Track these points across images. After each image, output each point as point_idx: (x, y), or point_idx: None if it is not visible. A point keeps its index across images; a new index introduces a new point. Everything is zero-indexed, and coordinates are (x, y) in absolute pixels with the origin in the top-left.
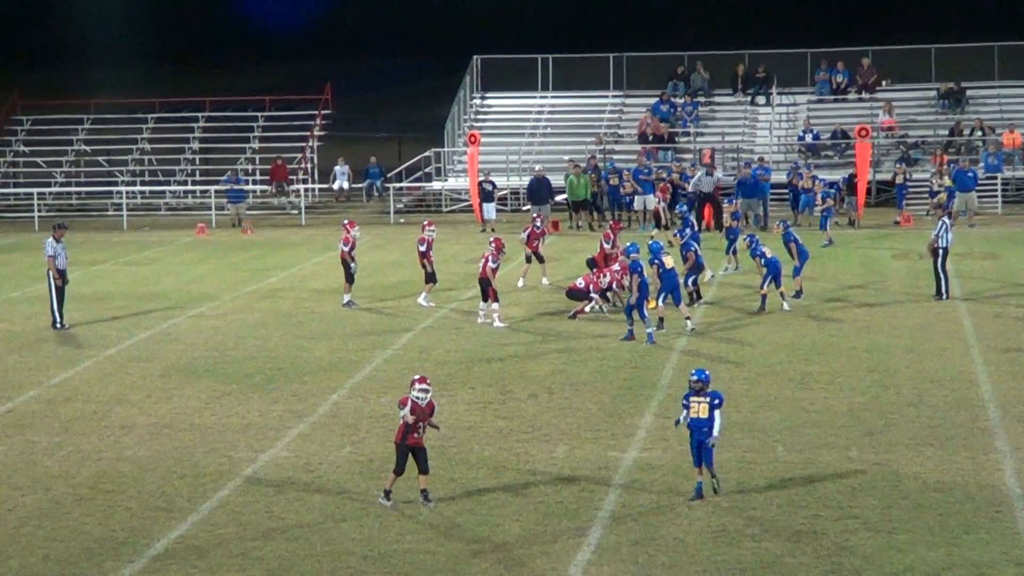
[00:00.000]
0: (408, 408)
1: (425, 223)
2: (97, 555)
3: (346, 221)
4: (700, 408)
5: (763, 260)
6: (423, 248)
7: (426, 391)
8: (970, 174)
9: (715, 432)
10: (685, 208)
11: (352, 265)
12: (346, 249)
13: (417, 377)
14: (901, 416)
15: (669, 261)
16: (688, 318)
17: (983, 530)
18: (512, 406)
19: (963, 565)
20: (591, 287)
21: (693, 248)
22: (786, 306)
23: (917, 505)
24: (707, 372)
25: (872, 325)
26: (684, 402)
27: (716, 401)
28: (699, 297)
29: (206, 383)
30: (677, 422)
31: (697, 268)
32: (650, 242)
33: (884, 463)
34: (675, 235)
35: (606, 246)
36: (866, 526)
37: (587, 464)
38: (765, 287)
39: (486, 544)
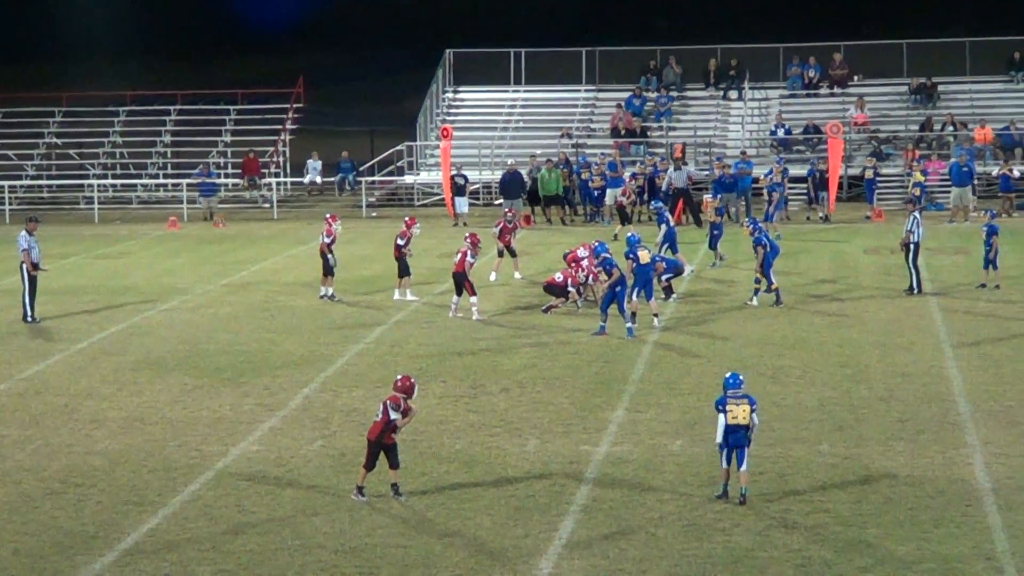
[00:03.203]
0: (401, 410)
1: (407, 220)
2: (67, 549)
3: (328, 215)
4: (740, 412)
5: (764, 251)
6: (401, 242)
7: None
8: (965, 169)
9: (753, 433)
10: (660, 204)
11: (330, 258)
12: (327, 242)
13: (402, 377)
14: (872, 411)
15: (644, 256)
16: (656, 315)
17: (953, 524)
18: (484, 400)
19: (933, 559)
20: (569, 281)
21: (659, 259)
22: (754, 302)
23: (887, 499)
24: (740, 376)
25: (843, 320)
26: (720, 407)
27: (754, 405)
28: (671, 292)
29: (177, 377)
30: (722, 445)
31: (676, 270)
32: (628, 235)
33: (855, 457)
34: (657, 259)
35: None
36: (836, 520)
37: (559, 458)
38: (773, 279)
39: (457, 538)
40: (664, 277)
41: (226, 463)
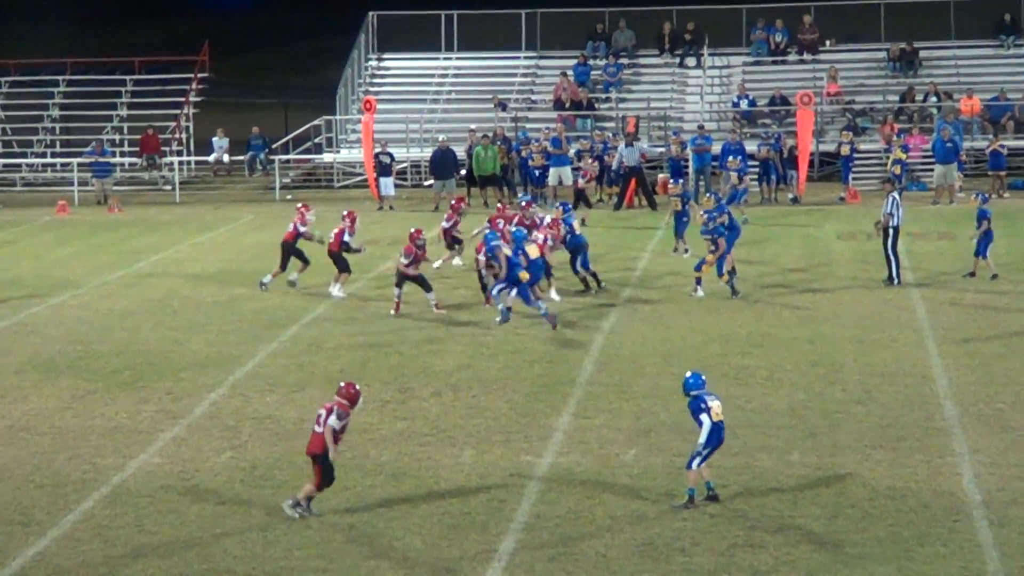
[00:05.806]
0: (336, 416)
1: (345, 213)
2: None
3: (301, 205)
4: (718, 408)
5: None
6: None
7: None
8: (950, 144)
9: None
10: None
11: (315, 236)
12: (304, 230)
13: (347, 384)
14: (848, 415)
15: (533, 251)
16: (538, 299)
17: (939, 542)
18: (413, 405)
19: None
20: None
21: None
22: (700, 292)
23: (866, 514)
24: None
25: (815, 314)
26: (703, 405)
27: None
28: (598, 283)
29: (68, 381)
30: (707, 445)
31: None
32: (513, 231)
33: (829, 467)
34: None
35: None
36: (809, 538)
37: (497, 470)
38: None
39: (384, 560)
40: (578, 264)
41: (123, 478)
